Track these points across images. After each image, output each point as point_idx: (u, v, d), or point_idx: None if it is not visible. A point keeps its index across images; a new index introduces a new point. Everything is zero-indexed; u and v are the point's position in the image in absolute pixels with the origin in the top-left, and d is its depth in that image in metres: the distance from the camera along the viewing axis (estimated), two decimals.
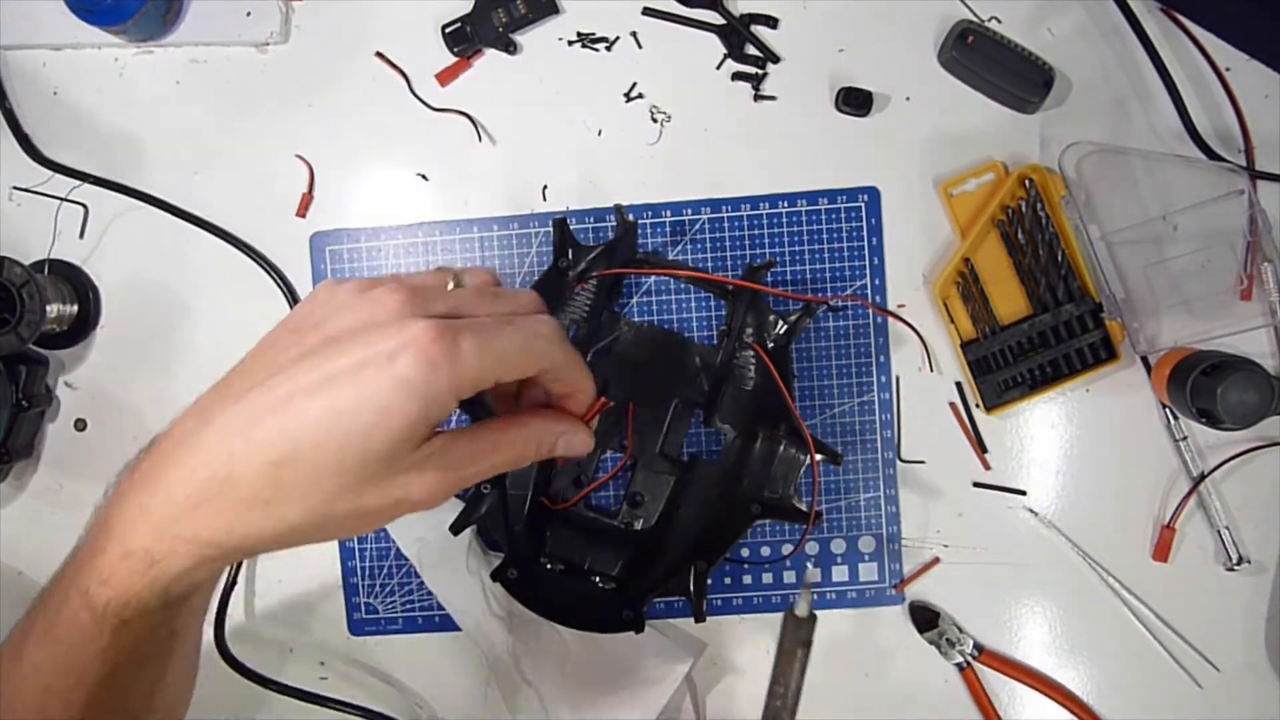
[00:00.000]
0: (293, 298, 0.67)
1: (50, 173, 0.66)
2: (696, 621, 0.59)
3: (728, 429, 0.63)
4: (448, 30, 0.65)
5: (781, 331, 0.62)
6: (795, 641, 0.43)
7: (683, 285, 0.65)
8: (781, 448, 0.61)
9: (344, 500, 0.39)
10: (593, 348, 0.63)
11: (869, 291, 0.65)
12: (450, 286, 0.43)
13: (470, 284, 0.44)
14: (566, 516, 0.64)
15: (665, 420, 0.64)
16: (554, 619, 0.61)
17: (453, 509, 0.65)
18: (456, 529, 0.61)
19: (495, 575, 0.61)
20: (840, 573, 0.66)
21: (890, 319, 0.65)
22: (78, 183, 0.66)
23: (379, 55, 0.66)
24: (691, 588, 0.59)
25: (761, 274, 0.61)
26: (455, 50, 0.65)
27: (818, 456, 0.60)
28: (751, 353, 0.62)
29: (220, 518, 0.39)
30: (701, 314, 0.65)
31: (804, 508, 0.60)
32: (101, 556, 0.41)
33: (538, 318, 0.43)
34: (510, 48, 0.65)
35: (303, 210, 0.66)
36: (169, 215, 0.66)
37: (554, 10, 0.65)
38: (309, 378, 0.38)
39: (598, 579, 0.62)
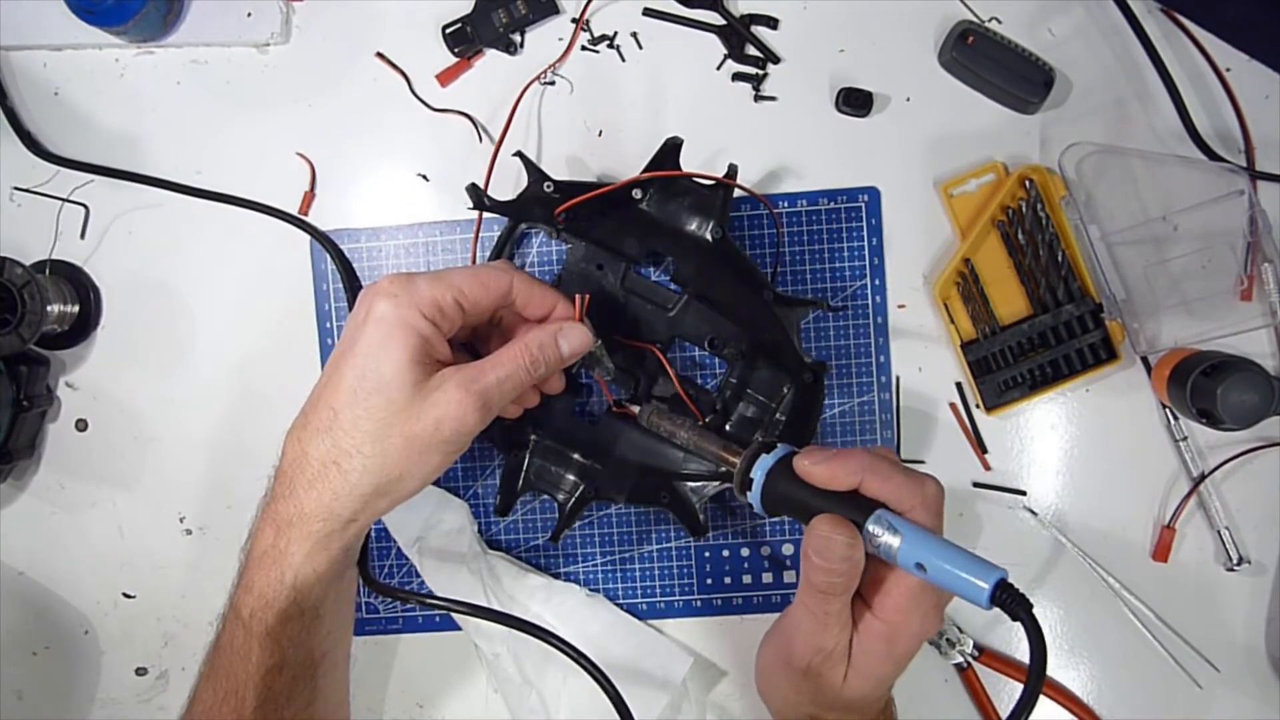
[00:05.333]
0: (326, 250, 0.65)
1: (54, 169, 0.66)
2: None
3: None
4: (448, 31, 0.65)
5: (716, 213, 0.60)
6: None
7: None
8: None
9: (394, 431, 0.47)
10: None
11: (869, 291, 0.65)
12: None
13: None
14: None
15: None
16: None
17: (455, 509, 0.65)
18: (503, 510, 0.62)
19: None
20: None
21: (890, 319, 0.65)
22: (88, 177, 0.66)
23: (379, 56, 0.66)
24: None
25: (671, 160, 0.60)
26: (456, 50, 0.65)
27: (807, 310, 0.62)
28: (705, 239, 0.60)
29: (310, 489, 0.48)
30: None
31: (809, 358, 0.61)
32: (245, 574, 0.51)
33: (489, 262, 0.53)
34: (510, 48, 0.65)
35: (305, 209, 0.66)
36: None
37: (554, 10, 0.65)
38: (335, 359, 0.49)
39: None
